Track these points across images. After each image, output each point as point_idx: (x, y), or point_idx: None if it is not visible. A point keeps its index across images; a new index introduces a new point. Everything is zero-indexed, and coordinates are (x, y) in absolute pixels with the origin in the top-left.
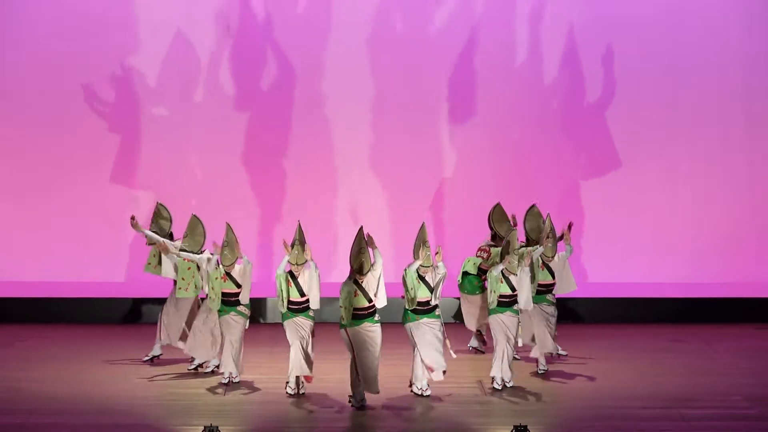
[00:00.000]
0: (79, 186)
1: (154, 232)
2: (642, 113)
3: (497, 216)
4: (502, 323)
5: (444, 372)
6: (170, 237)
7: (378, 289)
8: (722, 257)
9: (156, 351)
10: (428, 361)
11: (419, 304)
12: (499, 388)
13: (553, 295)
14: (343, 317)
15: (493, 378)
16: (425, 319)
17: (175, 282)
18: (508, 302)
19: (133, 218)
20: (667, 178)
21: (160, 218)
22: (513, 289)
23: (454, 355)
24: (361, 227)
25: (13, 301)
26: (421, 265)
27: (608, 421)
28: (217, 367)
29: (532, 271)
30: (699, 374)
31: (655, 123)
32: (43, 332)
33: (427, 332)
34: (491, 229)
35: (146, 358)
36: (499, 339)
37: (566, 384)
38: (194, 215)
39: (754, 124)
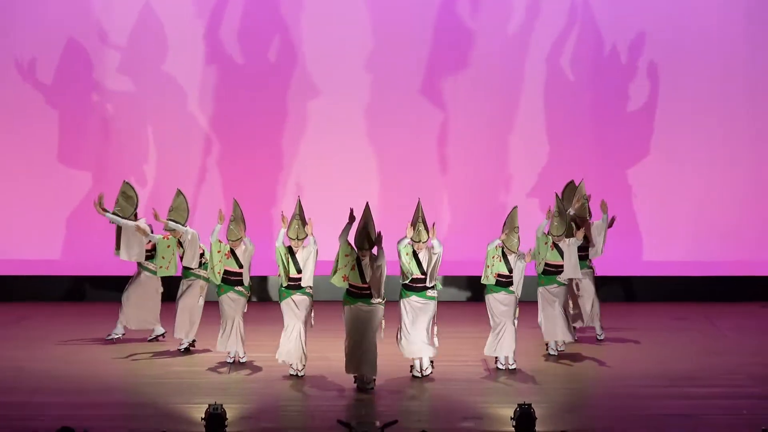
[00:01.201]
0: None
1: (117, 211)
2: (646, 98)
3: (568, 193)
4: (498, 302)
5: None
6: (134, 218)
7: (376, 283)
8: (727, 235)
9: (158, 330)
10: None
11: (411, 280)
12: (502, 367)
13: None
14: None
15: (496, 358)
16: (414, 297)
17: (139, 264)
18: (504, 282)
19: (99, 201)
20: (672, 158)
21: (124, 198)
22: (510, 270)
23: (436, 344)
24: (367, 203)
25: (15, 279)
26: (412, 239)
27: (613, 400)
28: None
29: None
30: (703, 353)
31: (659, 106)
32: (45, 311)
33: (411, 312)
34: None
35: (150, 337)
36: (497, 319)
37: (571, 363)
38: (178, 189)
39: (757, 112)
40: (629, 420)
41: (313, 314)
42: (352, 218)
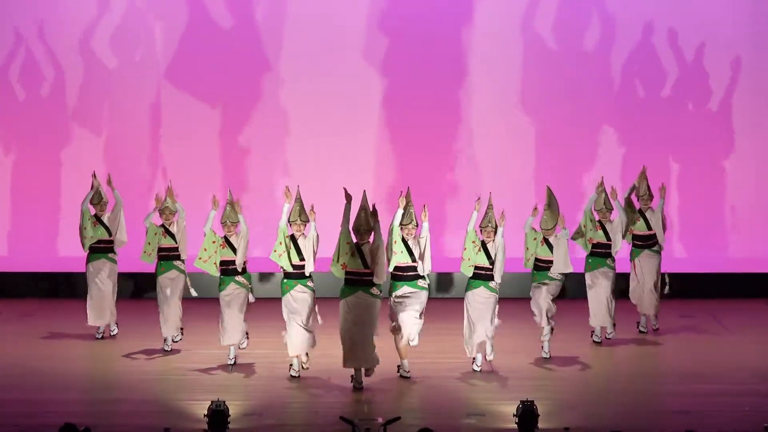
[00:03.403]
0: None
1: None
2: (648, 89)
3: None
4: (474, 300)
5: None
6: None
7: (376, 264)
8: (730, 231)
9: (114, 327)
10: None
11: (398, 269)
12: (478, 369)
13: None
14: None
15: (474, 359)
16: (406, 288)
17: (107, 256)
18: (484, 275)
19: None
20: (676, 150)
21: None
22: (491, 259)
23: (415, 342)
24: (364, 192)
25: (18, 276)
26: (401, 224)
27: (615, 396)
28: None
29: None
30: (707, 350)
31: (660, 99)
32: (48, 308)
33: (406, 306)
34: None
35: (113, 332)
36: (471, 316)
37: (573, 360)
38: (170, 181)
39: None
40: (632, 416)
41: (317, 309)
42: (348, 198)
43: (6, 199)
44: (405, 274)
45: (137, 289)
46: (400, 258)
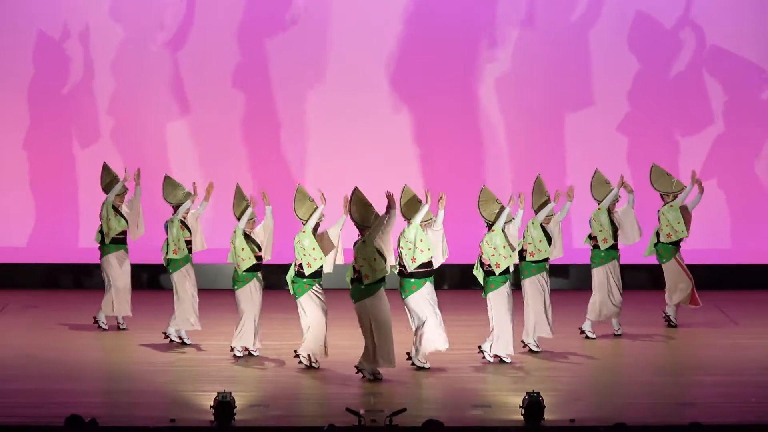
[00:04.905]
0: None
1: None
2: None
3: (654, 176)
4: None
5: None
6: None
7: (387, 251)
8: (736, 222)
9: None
10: (436, 344)
11: (423, 266)
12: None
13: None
14: (368, 275)
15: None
16: (428, 285)
17: (124, 247)
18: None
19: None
20: (673, 142)
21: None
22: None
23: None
24: (356, 187)
25: (21, 267)
26: (423, 221)
27: (621, 388)
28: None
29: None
30: (713, 342)
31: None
32: (52, 298)
33: (428, 304)
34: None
35: (123, 326)
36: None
37: (578, 353)
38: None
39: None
40: (637, 408)
41: None
42: (392, 204)
43: (24, 190)
44: (427, 271)
45: (140, 280)
46: (428, 255)
